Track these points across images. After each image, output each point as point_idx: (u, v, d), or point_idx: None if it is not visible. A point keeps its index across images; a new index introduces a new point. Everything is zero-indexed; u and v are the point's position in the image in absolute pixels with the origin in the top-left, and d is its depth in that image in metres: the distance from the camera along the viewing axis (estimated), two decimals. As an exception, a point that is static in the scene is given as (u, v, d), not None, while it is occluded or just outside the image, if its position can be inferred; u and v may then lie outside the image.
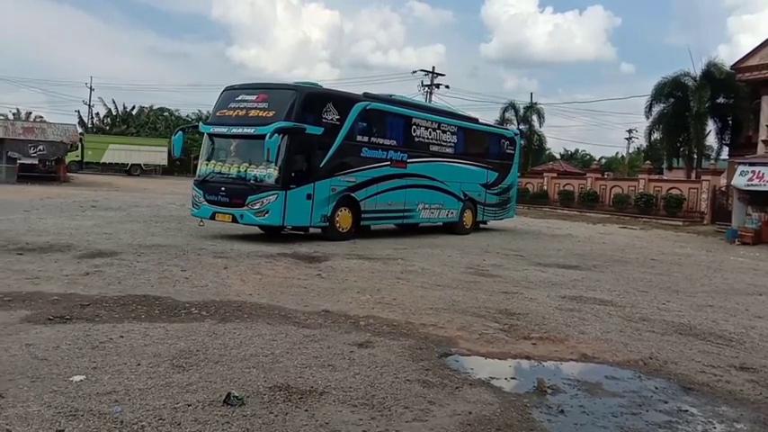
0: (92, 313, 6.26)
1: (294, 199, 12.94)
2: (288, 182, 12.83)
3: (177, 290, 7.69)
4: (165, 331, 5.75)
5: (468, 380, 5.01)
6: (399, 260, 11.56)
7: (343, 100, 14.42)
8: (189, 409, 3.96)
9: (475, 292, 8.74)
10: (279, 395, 4.29)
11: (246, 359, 5.05)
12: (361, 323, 6.56)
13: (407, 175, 15.93)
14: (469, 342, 6.15)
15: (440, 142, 17.05)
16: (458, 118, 18.68)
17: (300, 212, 13.21)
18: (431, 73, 47.35)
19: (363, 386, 4.61)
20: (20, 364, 4.61)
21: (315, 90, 14.00)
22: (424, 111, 17.34)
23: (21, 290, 7.15)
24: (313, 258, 11.11)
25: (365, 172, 14.72)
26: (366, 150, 14.75)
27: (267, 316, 6.60)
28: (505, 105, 49.71)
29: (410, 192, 16.07)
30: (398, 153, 15.65)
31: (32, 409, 3.80)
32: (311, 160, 13.43)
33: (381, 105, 15.44)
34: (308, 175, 13.33)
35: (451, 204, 17.68)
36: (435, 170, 16.84)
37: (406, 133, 15.97)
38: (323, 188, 13.61)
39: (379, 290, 8.47)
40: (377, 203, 15.10)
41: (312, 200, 13.36)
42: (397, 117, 15.89)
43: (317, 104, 13.53)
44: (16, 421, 3.61)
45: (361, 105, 14.62)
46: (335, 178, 13.94)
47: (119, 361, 4.80)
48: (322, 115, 13.52)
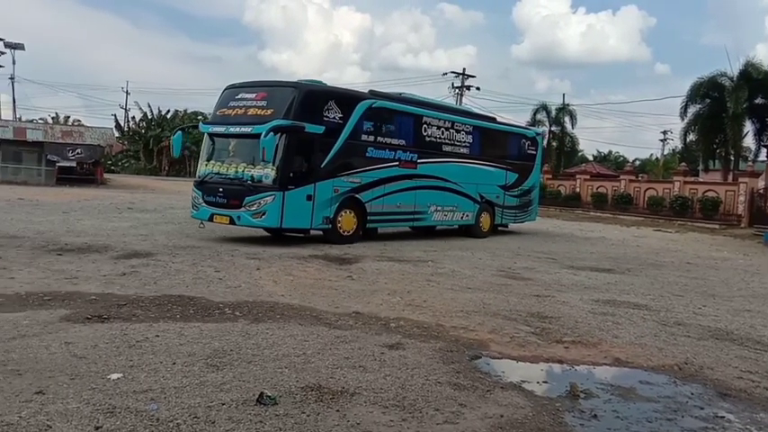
0: (128, 313, 6.40)
1: (293, 200, 12.49)
2: (286, 182, 12.41)
3: (211, 290, 7.81)
4: (200, 331, 5.84)
5: (500, 383, 4.98)
6: (429, 262, 11.55)
7: (347, 98, 13.90)
8: (223, 407, 4.02)
9: (506, 295, 8.69)
10: (311, 395, 4.33)
11: (279, 359, 5.11)
12: (391, 325, 6.57)
13: (417, 176, 15.36)
14: (501, 345, 6.12)
15: (453, 142, 16.44)
16: (474, 117, 18.19)
17: (300, 214, 12.75)
18: (461, 75, 47.20)
19: (394, 388, 4.62)
20: (59, 361, 4.74)
21: (315, 87, 13.53)
22: (437, 109, 16.65)
23: (60, 289, 7.34)
24: (344, 260, 11.17)
25: (371, 173, 14.19)
26: (372, 150, 14.21)
27: (299, 317, 6.66)
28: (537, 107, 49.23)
29: (420, 193, 15.50)
30: (408, 153, 15.07)
31: (72, 405, 3.90)
32: (312, 160, 12.94)
33: (388, 104, 14.90)
34: (308, 175, 12.86)
35: (467, 206, 17.08)
36: (448, 171, 16.25)
37: (415, 133, 15.40)
38: (325, 189, 13.13)
39: (409, 292, 8.48)
40: (384, 205, 14.54)
41: (313, 201, 12.89)
42: (405, 116, 15.29)
43: (317, 102, 13.07)
44: (56, 417, 3.71)
45: (367, 103, 14.08)
46: (338, 179, 13.45)
47: (155, 360, 4.90)
48: (323, 114, 13.06)
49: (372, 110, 14.20)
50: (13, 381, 4.25)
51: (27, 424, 3.59)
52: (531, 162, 19.59)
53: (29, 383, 4.21)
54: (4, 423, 3.58)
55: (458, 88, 46.61)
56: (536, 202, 20.37)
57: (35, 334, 5.42)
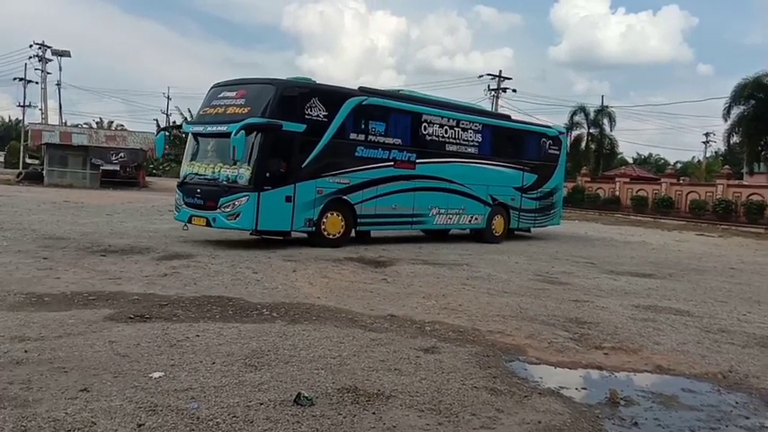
0: (169, 313, 6.53)
1: (269, 201, 11.95)
2: (261, 183, 11.88)
3: (249, 291, 7.92)
4: (238, 331, 5.93)
5: (538, 389, 4.92)
6: (465, 266, 11.49)
7: (332, 95, 13.24)
8: (261, 407, 4.07)
9: (543, 300, 8.58)
10: (347, 397, 4.35)
11: (315, 360, 5.15)
12: (426, 328, 6.56)
13: (416, 177, 14.61)
14: (538, 350, 6.05)
15: (459, 141, 15.61)
16: (483, 115, 17.23)
17: (278, 216, 12.19)
18: (497, 77, 46.90)
19: (430, 391, 4.61)
20: (103, 360, 4.86)
21: (294, 84, 12.83)
22: (439, 107, 15.65)
23: (104, 289, 7.53)
24: (378, 263, 11.19)
25: (361, 173, 13.52)
26: (362, 150, 13.54)
27: (334, 319, 6.70)
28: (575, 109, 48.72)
29: (420, 195, 14.74)
30: (404, 153, 14.35)
31: (115, 403, 4.00)
32: (291, 160, 12.37)
33: (381, 101, 14.18)
34: (287, 175, 12.30)
35: (476, 209, 16.16)
36: (453, 172, 15.44)
37: (414, 131, 14.67)
38: (306, 190, 12.54)
39: (444, 295, 8.45)
40: (377, 207, 13.86)
41: (293, 202, 12.31)
42: (401, 114, 14.52)
43: (298, 100, 12.48)
44: (101, 414, 3.81)
45: (355, 101, 13.44)
46: (322, 179, 12.83)
47: (195, 359, 4.99)
48: (305, 111, 12.47)
49: (362, 107, 13.57)
50: (59, 378, 4.37)
51: (73, 420, 3.69)
52: (554, 163, 18.52)
53: (74, 381, 4.33)
54: (51, 419, 3.69)
55: (493, 90, 46.33)
56: (559, 205, 19.27)
57: (80, 333, 5.58)
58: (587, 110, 48.64)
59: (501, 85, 46.84)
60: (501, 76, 47.13)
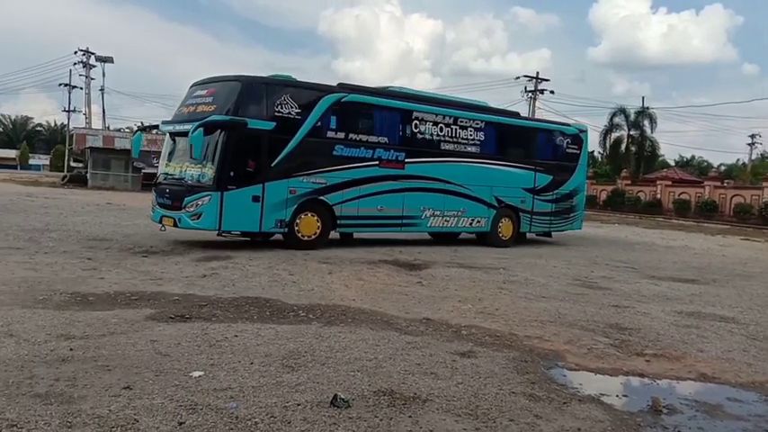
0: (209, 313, 6.64)
1: (233, 201, 11.61)
2: (225, 182, 11.54)
3: (286, 293, 7.99)
4: (276, 332, 5.98)
5: (577, 395, 4.84)
6: (501, 270, 11.39)
7: (307, 92, 12.78)
8: (298, 408, 4.10)
9: (583, 305, 8.45)
10: (383, 399, 4.35)
11: (351, 362, 5.16)
12: (462, 332, 6.52)
13: (406, 177, 14.00)
14: (578, 357, 5.95)
15: (457, 140, 14.87)
16: (487, 112, 16.12)
17: (244, 216, 11.86)
18: (534, 78, 46.41)
19: (467, 396, 4.58)
20: (145, 358, 4.96)
21: (262, 81, 12.40)
22: (434, 104, 14.91)
23: (146, 290, 7.69)
24: (413, 266, 11.17)
25: (341, 173, 13.00)
26: (341, 148, 13.03)
27: (370, 321, 6.71)
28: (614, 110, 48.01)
29: (411, 196, 14.09)
30: (391, 152, 13.77)
31: (157, 401, 4.07)
32: (259, 158, 12.00)
33: (363, 98, 13.64)
34: (254, 174, 11.93)
35: (477, 211, 15.37)
36: (450, 172, 14.73)
37: (403, 129, 14.09)
38: (277, 190, 12.12)
39: (480, 299, 8.39)
40: (360, 208, 13.32)
41: (261, 202, 11.93)
42: (387, 111, 13.99)
43: (266, 96, 12.13)
44: (143, 412, 3.89)
45: (333, 98, 12.96)
46: (295, 179, 12.37)
47: (233, 359, 5.05)
48: (275, 108, 12.09)
49: (341, 105, 13.10)
50: (103, 376, 4.48)
51: (116, 417, 3.78)
52: (573, 162, 17.43)
53: (117, 379, 4.43)
54: (96, 416, 3.78)
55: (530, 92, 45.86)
56: (581, 208, 18.04)
57: (123, 332, 5.70)
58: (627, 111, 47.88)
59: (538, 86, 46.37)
60: (538, 77, 46.67)
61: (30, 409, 3.82)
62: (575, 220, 17.79)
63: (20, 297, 6.87)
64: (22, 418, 3.68)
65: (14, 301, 6.68)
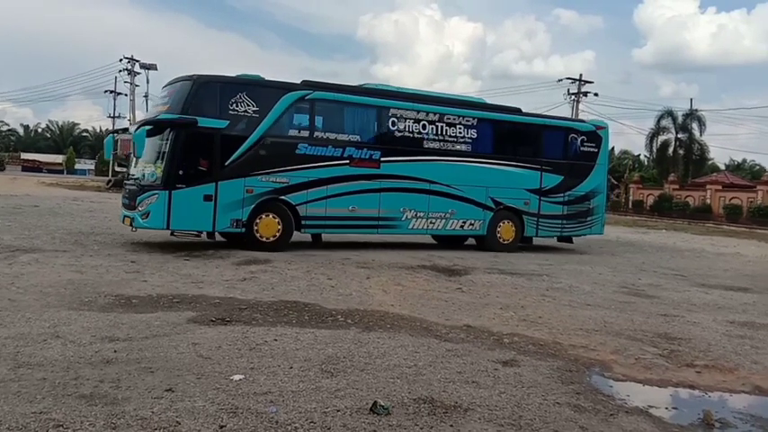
0: (249, 316, 6.67)
1: (182, 200, 11.52)
2: (173, 181, 11.50)
3: (324, 297, 7.99)
4: (314, 337, 5.97)
5: (624, 407, 4.68)
6: (545, 276, 11.18)
7: (267, 90, 12.60)
8: (338, 414, 4.06)
9: (630, 314, 8.21)
10: (423, 407, 4.27)
11: (390, 369, 5.10)
12: (504, 340, 6.39)
13: (382, 177, 13.52)
14: (624, 367, 5.77)
15: (444, 138, 14.22)
16: (482, 108, 15.34)
17: (194, 215, 11.75)
18: (578, 81, 45.64)
19: (509, 406, 4.47)
20: (187, 361, 5.00)
21: (214, 79, 12.27)
22: (416, 101, 14.29)
23: (187, 292, 7.79)
24: (453, 271, 11.06)
25: (305, 172, 12.65)
26: (306, 147, 12.69)
27: (409, 327, 6.64)
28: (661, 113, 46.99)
29: (388, 196, 13.58)
30: (364, 150, 13.34)
31: (198, 404, 4.09)
32: (212, 157, 11.83)
33: (330, 95, 13.26)
34: (206, 173, 11.80)
35: (469, 213, 14.61)
36: (436, 171, 14.09)
37: (378, 127, 13.71)
38: (232, 189, 11.94)
39: (523, 307, 8.23)
40: (328, 209, 12.94)
41: (214, 202, 11.79)
42: (359, 108, 13.65)
43: (219, 95, 12.01)
44: (185, 414, 3.90)
45: (295, 95, 12.68)
46: (253, 178, 12.16)
47: (273, 363, 5.05)
48: (229, 107, 11.95)
49: (305, 102, 12.85)
50: (146, 378, 4.52)
51: (159, 419, 3.80)
52: (589, 162, 16.21)
53: (160, 381, 4.47)
54: (139, 417, 3.80)
55: (573, 95, 45.12)
56: (600, 211, 16.67)
57: (165, 334, 5.77)
58: (675, 114, 46.80)
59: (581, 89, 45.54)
60: (581, 79, 45.84)
61: (75, 409, 3.87)
62: (593, 223, 16.45)
63: (66, 299, 7.03)
64: (67, 418, 3.73)
65: (61, 303, 6.84)
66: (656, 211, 43.00)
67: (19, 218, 16.08)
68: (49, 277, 8.28)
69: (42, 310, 6.41)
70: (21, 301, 6.81)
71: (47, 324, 5.88)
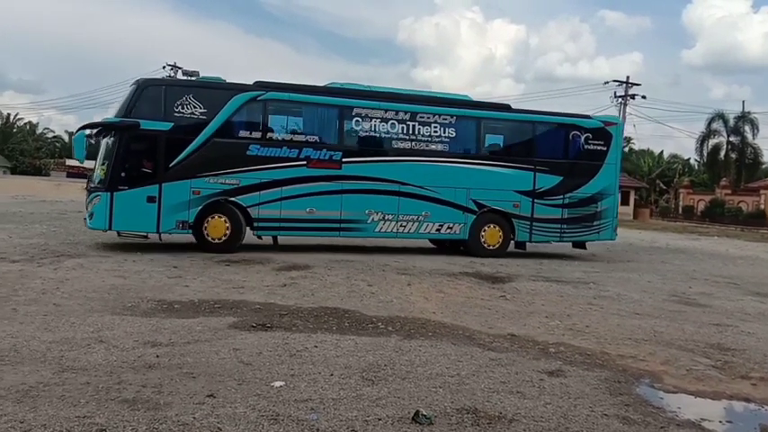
0: (289, 323, 6.66)
1: (125, 201, 11.72)
2: (116, 182, 11.75)
3: (364, 304, 7.94)
4: (355, 344, 5.92)
5: (676, 420, 4.49)
6: (591, 284, 10.90)
7: (216, 92, 12.59)
8: (379, 423, 3.99)
9: (680, 323, 7.92)
10: (467, 418, 4.17)
11: (433, 378, 5.01)
12: (550, 350, 6.22)
13: (344, 178, 13.17)
14: (675, 378, 5.55)
15: (416, 137, 13.67)
16: (462, 106, 14.43)
17: (138, 217, 11.88)
18: (624, 83, 44.65)
19: (556, 417, 4.33)
20: (228, 366, 5.00)
21: (159, 82, 12.57)
22: (385, 99, 13.76)
23: (228, 298, 7.84)
24: (496, 279, 10.88)
25: (257, 173, 12.55)
26: (257, 148, 12.57)
27: (451, 335, 6.53)
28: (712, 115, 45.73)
29: (351, 198, 13.21)
30: (323, 151, 13.07)
31: (239, 410, 4.07)
32: (156, 159, 12.03)
33: (284, 95, 13.07)
34: (150, 175, 11.99)
35: (447, 216, 13.87)
36: (406, 172, 13.54)
37: (339, 127, 13.44)
38: (177, 191, 12.01)
39: (569, 315, 8.02)
40: (283, 210, 12.74)
41: (158, 203, 11.90)
42: (318, 108, 13.47)
43: (164, 97, 12.20)
44: (226, 420, 3.89)
45: (245, 97, 12.61)
46: (200, 180, 12.17)
47: (314, 370, 5.01)
48: (174, 109, 12.05)
49: (258, 103, 12.75)
50: (187, 383, 4.54)
51: (200, 425, 3.79)
52: (596, 161, 14.98)
53: (201, 386, 4.47)
54: (180, 423, 3.81)
55: (620, 97, 44.17)
56: (610, 214, 15.24)
57: (207, 339, 5.80)
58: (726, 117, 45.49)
59: (629, 91, 44.52)
60: (628, 82, 44.81)
61: (118, 414, 3.90)
62: (602, 228, 15.07)
63: (109, 304, 7.16)
64: (110, 422, 3.76)
65: (104, 307, 6.96)
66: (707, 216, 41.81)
67: (64, 223, 16.58)
68: (93, 282, 8.46)
69: (86, 315, 6.53)
70: (65, 305, 6.96)
71: (91, 329, 5.98)
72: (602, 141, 15.03)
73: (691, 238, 27.56)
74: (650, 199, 55.64)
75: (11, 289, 7.68)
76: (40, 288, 7.85)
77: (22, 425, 3.66)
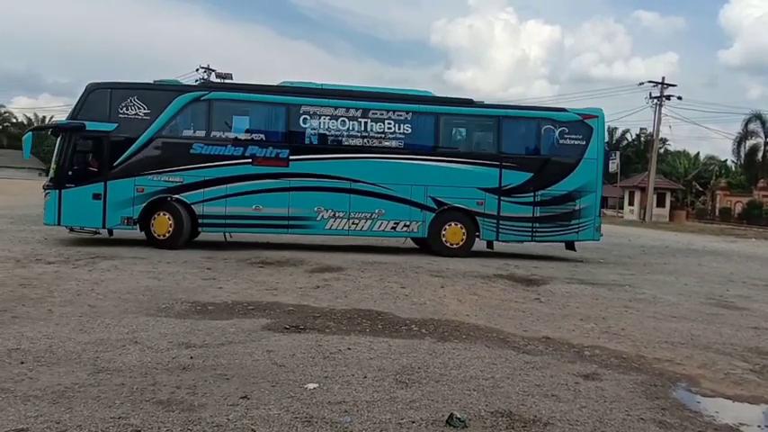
0: (322, 325, 6.68)
1: (71, 198, 12.51)
2: (63, 180, 12.60)
3: (398, 306, 7.92)
4: (388, 346, 5.91)
5: (713, 424, 4.40)
6: (627, 287, 10.72)
7: (159, 93, 13.16)
8: (413, 426, 3.97)
9: (718, 326, 7.74)
10: (501, 421, 4.13)
11: (467, 381, 4.98)
12: (585, 353, 6.13)
13: (291, 176, 13.27)
14: (713, 382, 5.43)
15: (369, 134, 13.57)
16: (420, 102, 14.11)
17: (84, 213, 12.62)
18: (660, 84, 43.86)
19: (591, 421, 4.27)
20: (262, 368, 5.03)
21: (104, 85, 13.02)
22: (335, 96, 13.77)
23: (262, 300, 7.90)
24: (530, 281, 10.77)
25: (201, 171, 12.93)
26: (201, 147, 12.98)
27: (485, 338, 6.48)
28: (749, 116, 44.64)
29: (299, 195, 13.28)
30: (269, 149, 13.23)
31: (273, 412, 4.09)
32: (100, 158, 12.80)
33: (227, 95, 13.62)
34: (95, 173, 12.76)
35: (403, 214, 13.63)
36: (358, 169, 13.47)
37: (286, 125, 13.57)
38: (122, 188, 12.65)
39: (604, 318, 7.90)
40: (228, 208, 13.00)
41: (103, 200, 12.60)
42: (263, 106, 13.73)
43: (108, 100, 12.80)
44: (260, 422, 3.91)
45: (188, 97, 13.11)
46: (143, 177, 12.75)
47: (347, 372, 5.02)
48: (118, 110, 12.70)
49: (202, 103, 13.17)
50: (221, 385, 4.58)
51: (234, 427, 3.82)
52: (572, 157, 14.16)
53: (235, 388, 4.51)
54: (215, 424, 3.84)
55: (656, 98, 43.40)
56: (591, 213, 14.24)
57: (240, 341, 5.84)
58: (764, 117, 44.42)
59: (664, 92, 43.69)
60: (664, 82, 43.99)
61: (153, 415, 3.94)
62: (581, 228, 14.19)
63: (144, 305, 7.26)
64: (145, 423, 3.80)
65: (139, 309, 7.06)
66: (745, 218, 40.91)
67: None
68: (127, 284, 8.59)
69: (121, 316, 6.62)
70: (100, 307, 7.07)
71: (125, 330, 6.06)
72: (579, 135, 14.22)
73: (728, 240, 26.96)
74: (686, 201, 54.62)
75: (46, 290, 7.84)
76: (76, 289, 8.00)
77: (58, 425, 3.72)
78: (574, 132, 14.18)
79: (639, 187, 46.17)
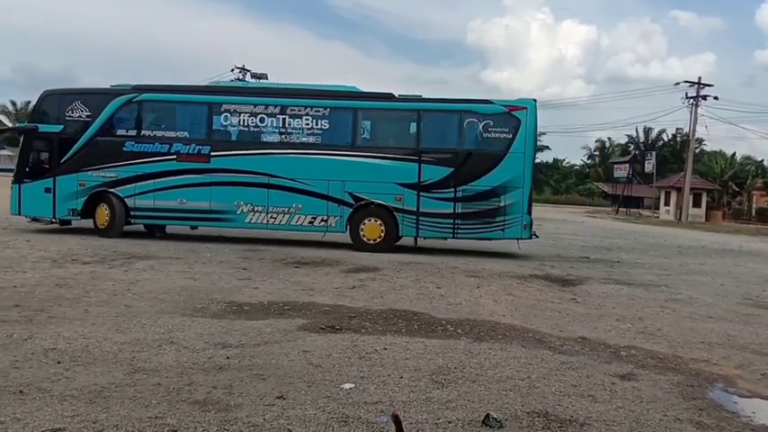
0: (358, 325, 6.73)
1: (28, 192, 14.37)
2: (21, 176, 14.57)
3: (434, 306, 7.94)
4: (424, 346, 5.93)
5: (750, 425, 4.36)
6: (663, 287, 10.56)
7: (99, 97, 14.49)
8: (449, 426, 4.00)
9: (755, 327, 7.61)
10: (537, 421, 4.14)
11: (503, 381, 4.98)
12: (621, 353, 6.08)
13: (212, 171, 13.92)
14: (750, 383, 5.37)
15: (286, 130, 13.90)
16: (337, 97, 13.99)
17: (38, 205, 14.37)
18: (696, 84, 42.93)
19: (628, 421, 4.25)
20: (297, 369, 5.09)
21: (54, 91, 14.77)
22: (256, 94, 14.56)
23: (297, 300, 7.98)
24: (566, 281, 10.68)
25: (132, 167, 14.12)
26: (132, 144, 14.14)
27: (521, 338, 6.47)
28: (788, 113, 43.21)
29: (219, 190, 13.86)
30: (192, 146, 13.99)
31: (309, 412, 4.14)
32: (51, 156, 14.45)
33: (155, 96, 14.52)
34: (46, 170, 14.44)
35: (320, 209, 13.75)
36: (275, 165, 13.77)
37: (207, 123, 14.33)
38: (67, 183, 14.14)
39: (640, 319, 7.81)
40: (156, 201, 14.10)
41: (53, 193, 14.19)
42: (187, 106, 14.63)
43: (56, 104, 14.46)
44: (296, 422, 3.96)
45: (121, 100, 14.25)
46: (84, 173, 14.16)
47: (383, 372, 5.06)
48: (65, 113, 14.26)
49: (132, 105, 14.33)
50: (257, 385, 4.64)
51: (270, 427, 3.88)
52: (498, 150, 13.55)
53: (271, 388, 4.57)
54: (251, 424, 3.90)
55: (692, 98, 42.50)
56: (518, 210, 13.52)
57: (276, 341, 5.91)
58: (804, 114, 42.97)
59: (700, 92, 42.74)
60: (700, 82, 43.02)
61: (189, 415, 3.99)
62: (506, 225, 13.55)
63: (180, 305, 7.35)
64: (181, 423, 3.85)
65: (175, 309, 7.16)
66: (781, 218, 39.78)
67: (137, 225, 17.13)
68: (163, 284, 8.70)
69: (157, 317, 6.71)
70: (136, 307, 7.18)
71: (161, 330, 6.14)
72: (505, 128, 13.58)
73: (764, 240, 26.30)
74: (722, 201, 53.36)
75: (83, 290, 7.96)
76: (112, 289, 8.12)
77: (95, 425, 3.78)
78: (499, 125, 13.63)
79: (675, 187, 45.29)
